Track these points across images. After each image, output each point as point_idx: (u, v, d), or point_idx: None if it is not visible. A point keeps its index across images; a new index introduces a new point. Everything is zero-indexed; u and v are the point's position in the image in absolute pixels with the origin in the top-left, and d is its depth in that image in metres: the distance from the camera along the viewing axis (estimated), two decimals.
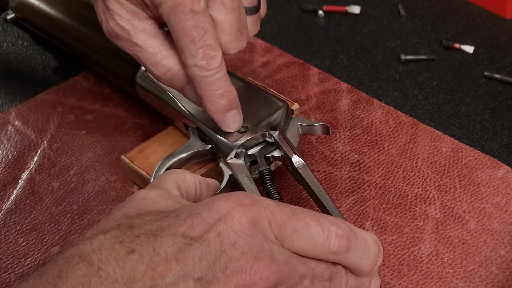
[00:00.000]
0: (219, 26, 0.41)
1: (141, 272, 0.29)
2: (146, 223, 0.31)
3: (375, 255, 0.35)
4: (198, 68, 0.40)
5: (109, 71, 0.57)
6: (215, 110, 0.42)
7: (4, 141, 0.55)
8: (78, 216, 0.48)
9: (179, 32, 0.39)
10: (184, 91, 0.43)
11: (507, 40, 0.64)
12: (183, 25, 0.39)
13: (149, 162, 0.48)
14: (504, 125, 0.54)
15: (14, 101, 0.60)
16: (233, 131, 0.44)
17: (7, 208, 0.49)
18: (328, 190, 0.48)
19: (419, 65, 0.62)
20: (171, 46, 0.41)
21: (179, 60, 0.41)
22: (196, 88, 0.41)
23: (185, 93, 0.43)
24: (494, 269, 0.42)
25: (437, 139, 0.52)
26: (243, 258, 0.30)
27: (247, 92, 0.48)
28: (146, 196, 0.34)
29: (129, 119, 0.57)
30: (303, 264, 0.32)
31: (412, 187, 0.48)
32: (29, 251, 0.46)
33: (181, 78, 0.42)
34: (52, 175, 0.52)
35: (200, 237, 0.30)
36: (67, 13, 0.60)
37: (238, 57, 0.64)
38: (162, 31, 0.42)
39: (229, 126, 0.44)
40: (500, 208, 0.46)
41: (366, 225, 0.46)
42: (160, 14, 0.40)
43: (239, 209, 0.31)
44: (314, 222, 0.33)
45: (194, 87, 0.42)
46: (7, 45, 0.68)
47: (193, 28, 0.39)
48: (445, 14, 0.69)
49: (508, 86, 0.58)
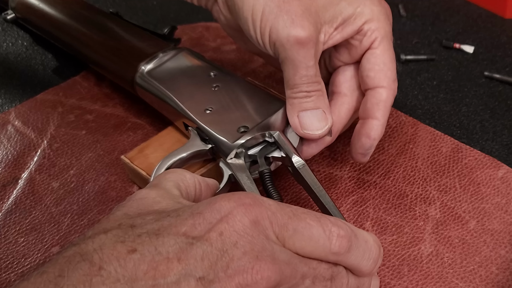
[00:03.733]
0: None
1: (142, 272, 0.29)
2: (147, 222, 0.31)
3: (376, 256, 0.35)
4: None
5: (109, 71, 0.57)
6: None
7: (4, 141, 0.55)
8: (78, 216, 0.48)
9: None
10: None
11: (507, 40, 0.64)
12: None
13: (149, 162, 0.48)
14: (504, 125, 0.54)
15: (14, 101, 0.60)
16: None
17: (7, 208, 0.49)
18: (328, 190, 0.48)
19: (419, 65, 0.62)
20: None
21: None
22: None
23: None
24: (494, 269, 0.42)
25: (437, 139, 0.52)
26: (245, 258, 0.30)
27: (247, 92, 0.49)
28: (146, 196, 0.34)
29: (129, 119, 0.57)
30: (304, 264, 0.32)
31: (412, 187, 0.48)
32: (29, 251, 0.46)
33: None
34: (52, 175, 0.52)
35: (201, 236, 0.30)
36: (67, 13, 0.60)
37: (238, 57, 0.64)
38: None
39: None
40: (500, 208, 0.46)
41: (366, 225, 0.46)
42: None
43: (241, 209, 0.31)
44: (315, 222, 0.33)
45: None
46: (7, 45, 0.68)
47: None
48: (445, 14, 0.69)
49: (508, 86, 0.58)
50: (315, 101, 0.44)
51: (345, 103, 0.47)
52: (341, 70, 0.48)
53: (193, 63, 0.52)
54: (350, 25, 0.44)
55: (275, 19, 0.42)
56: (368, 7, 0.45)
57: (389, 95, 0.45)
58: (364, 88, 0.46)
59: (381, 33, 0.45)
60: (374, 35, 0.45)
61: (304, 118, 0.44)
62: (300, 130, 0.44)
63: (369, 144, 0.45)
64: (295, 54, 0.42)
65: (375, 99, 0.45)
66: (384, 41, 0.45)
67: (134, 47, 0.55)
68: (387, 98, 0.45)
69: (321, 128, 0.44)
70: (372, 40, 0.45)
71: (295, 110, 0.44)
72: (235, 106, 0.47)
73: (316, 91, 0.44)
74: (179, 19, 0.72)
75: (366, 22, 0.45)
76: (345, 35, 0.45)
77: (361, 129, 0.46)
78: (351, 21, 0.44)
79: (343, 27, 0.44)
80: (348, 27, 0.45)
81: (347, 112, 0.47)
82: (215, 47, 0.65)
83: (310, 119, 0.44)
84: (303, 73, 0.43)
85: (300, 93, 0.44)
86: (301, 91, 0.44)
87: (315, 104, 0.44)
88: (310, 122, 0.44)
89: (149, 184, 0.37)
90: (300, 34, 0.42)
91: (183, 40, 0.64)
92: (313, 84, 0.43)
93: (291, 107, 0.45)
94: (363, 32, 0.45)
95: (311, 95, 0.44)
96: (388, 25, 0.46)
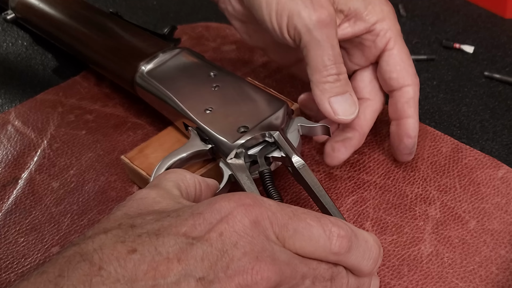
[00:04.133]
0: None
1: (142, 272, 0.29)
2: (147, 222, 0.31)
3: (376, 256, 0.35)
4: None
5: (109, 71, 0.57)
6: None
7: (4, 141, 0.55)
8: (78, 216, 0.48)
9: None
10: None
11: (507, 40, 0.64)
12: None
13: (149, 162, 0.48)
14: (504, 125, 0.54)
15: (14, 101, 0.60)
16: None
17: (7, 208, 0.49)
18: (328, 190, 0.48)
19: (419, 65, 0.62)
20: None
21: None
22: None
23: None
24: (494, 269, 0.42)
25: (437, 139, 0.52)
26: (245, 258, 0.30)
27: (247, 92, 0.49)
28: (146, 196, 0.34)
29: (129, 119, 0.57)
30: (305, 264, 0.32)
31: (412, 187, 0.48)
32: (29, 251, 0.46)
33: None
34: (52, 175, 0.52)
35: (202, 237, 0.30)
36: (67, 13, 0.60)
37: (238, 57, 0.64)
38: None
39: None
40: (500, 208, 0.46)
41: (366, 225, 0.46)
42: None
43: (241, 209, 0.31)
44: (315, 222, 0.33)
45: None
46: (7, 45, 0.68)
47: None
48: (445, 14, 0.69)
49: (508, 86, 0.58)
50: (344, 85, 0.44)
51: (369, 106, 0.48)
52: (359, 75, 0.49)
53: (193, 63, 0.52)
54: (362, 22, 0.45)
55: (292, 3, 0.42)
56: (378, 6, 0.45)
57: (416, 91, 0.46)
58: (389, 90, 0.47)
59: (394, 33, 0.46)
60: (388, 35, 0.45)
61: (336, 103, 0.44)
62: (334, 116, 0.44)
63: (412, 143, 0.47)
64: (320, 34, 0.42)
65: (404, 98, 0.46)
66: (398, 39, 0.46)
67: (134, 47, 0.55)
68: (414, 94, 0.46)
69: (353, 113, 0.44)
70: (387, 40, 0.45)
71: (326, 96, 0.44)
72: (235, 106, 0.47)
73: (343, 73, 0.44)
74: (179, 19, 0.72)
75: (378, 21, 0.45)
76: (356, 30, 0.45)
77: (398, 130, 0.47)
78: (363, 16, 0.45)
79: (354, 20, 0.45)
80: (359, 23, 0.45)
81: (372, 115, 0.48)
82: (215, 47, 0.65)
83: (342, 104, 0.44)
84: (330, 53, 0.43)
85: (330, 76, 0.43)
86: (330, 74, 0.43)
87: (344, 88, 0.44)
88: (343, 108, 0.44)
89: (149, 184, 0.37)
90: (322, 14, 0.42)
91: (183, 40, 0.64)
92: (340, 65, 0.44)
93: (321, 92, 0.44)
94: (376, 32, 0.45)
95: (340, 78, 0.44)
96: (397, 23, 0.46)
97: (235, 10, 0.49)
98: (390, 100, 0.47)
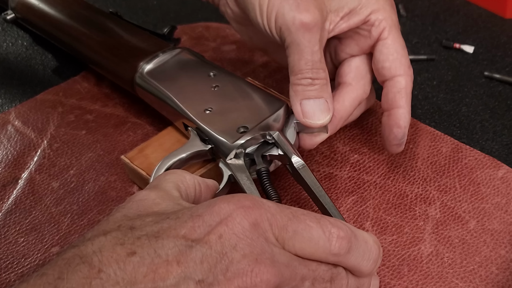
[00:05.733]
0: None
1: (142, 274, 0.29)
2: (146, 224, 0.31)
3: (376, 256, 0.35)
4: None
5: (109, 71, 0.57)
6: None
7: (4, 141, 0.55)
8: (78, 216, 0.48)
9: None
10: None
11: (507, 40, 0.64)
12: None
13: (149, 162, 0.48)
14: (504, 125, 0.54)
15: (14, 101, 0.60)
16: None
17: (7, 208, 0.49)
18: (328, 190, 0.48)
19: (419, 65, 0.62)
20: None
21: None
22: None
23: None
24: (494, 269, 0.42)
25: (437, 139, 0.52)
26: (244, 261, 0.30)
27: (247, 92, 0.48)
28: (146, 197, 0.34)
29: (129, 119, 0.57)
30: (304, 266, 0.32)
31: (412, 187, 0.48)
32: (29, 251, 0.46)
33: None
34: (52, 175, 0.52)
35: (201, 239, 0.30)
36: (67, 13, 0.60)
37: (238, 57, 0.64)
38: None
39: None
40: (500, 208, 0.46)
41: (366, 225, 0.46)
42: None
43: (240, 211, 0.31)
44: (315, 224, 0.33)
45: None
46: (7, 45, 0.68)
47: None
48: (445, 14, 0.69)
49: (508, 86, 0.58)
50: (318, 90, 0.44)
51: (349, 92, 0.47)
52: (346, 61, 0.49)
53: (193, 63, 0.52)
54: (357, 15, 0.45)
55: (281, 4, 0.43)
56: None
57: (408, 82, 0.46)
58: (382, 80, 0.47)
59: (388, 23, 0.45)
60: (382, 25, 0.45)
61: (306, 106, 0.44)
62: (302, 118, 0.44)
63: (401, 133, 0.46)
64: (301, 38, 0.42)
65: (396, 88, 0.46)
66: (393, 29, 0.46)
67: (134, 47, 0.55)
68: (406, 84, 0.46)
69: (322, 119, 0.44)
70: (381, 30, 0.45)
71: (298, 97, 0.44)
72: (235, 106, 0.47)
73: (320, 79, 0.44)
74: (179, 19, 0.72)
75: (373, 12, 0.45)
76: (351, 24, 0.45)
77: (389, 120, 0.46)
78: (357, 10, 0.45)
79: (349, 16, 0.45)
80: (354, 16, 0.45)
81: (351, 101, 0.47)
82: (215, 47, 0.65)
83: (313, 107, 0.44)
84: (308, 58, 0.43)
85: (304, 79, 0.44)
86: (305, 77, 0.43)
87: (319, 93, 0.44)
88: (312, 111, 0.44)
89: (149, 185, 0.37)
90: (305, 17, 0.42)
91: (183, 40, 0.64)
92: (317, 70, 0.43)
93: (294, 94, 0.44)
94: (371, 23, 0.45)
95: (315, 83, 0.44)
96: (394, 14, 0.46)
97: (234, 13, 0.49)
98: (383, 91, 0.47)
